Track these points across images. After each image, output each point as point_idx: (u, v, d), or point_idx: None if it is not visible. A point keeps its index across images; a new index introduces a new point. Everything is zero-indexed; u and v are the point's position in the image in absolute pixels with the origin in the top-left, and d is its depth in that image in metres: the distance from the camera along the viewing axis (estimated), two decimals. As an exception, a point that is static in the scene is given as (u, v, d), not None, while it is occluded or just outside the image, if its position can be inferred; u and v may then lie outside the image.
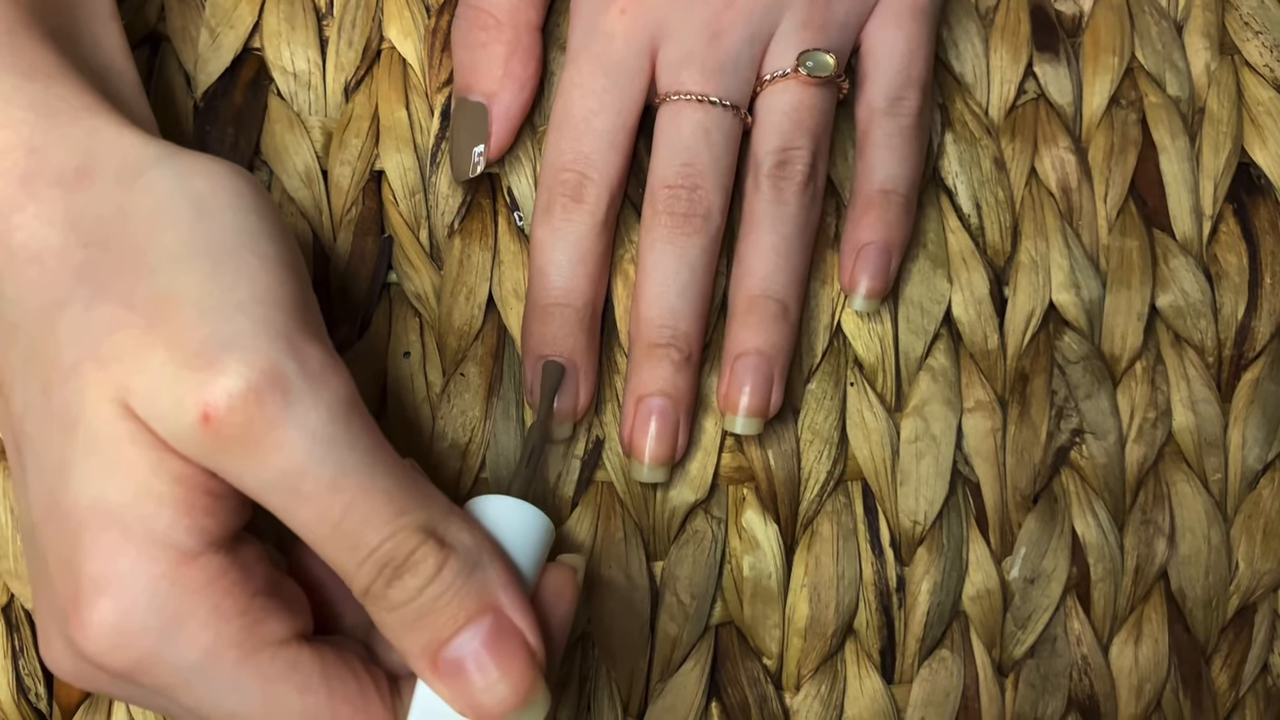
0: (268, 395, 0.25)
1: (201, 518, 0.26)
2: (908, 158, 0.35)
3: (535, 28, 0.35)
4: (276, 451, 0.25)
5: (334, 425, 0.26)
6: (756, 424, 0.34)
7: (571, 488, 0.34)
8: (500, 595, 0.27)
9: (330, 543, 0.26)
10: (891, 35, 0.35)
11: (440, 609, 0.26)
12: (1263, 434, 0.36)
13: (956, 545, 0.35)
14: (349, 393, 0.26)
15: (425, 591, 0.26)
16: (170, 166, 0.27)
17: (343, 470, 0.25)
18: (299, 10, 0.36)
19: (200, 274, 0.26)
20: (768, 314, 0.33)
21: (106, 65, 0.31)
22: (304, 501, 0.26)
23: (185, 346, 0.25)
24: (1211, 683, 0.37)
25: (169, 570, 0.25)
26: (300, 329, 0.26)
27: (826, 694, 0.35)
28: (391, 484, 0.26)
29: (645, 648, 0.34)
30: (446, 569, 0.26)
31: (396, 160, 0.35)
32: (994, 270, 0.36)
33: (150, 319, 0.25)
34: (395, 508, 0.26)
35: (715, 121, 0.33)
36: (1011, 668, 0.36)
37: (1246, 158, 0.38)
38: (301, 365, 0.26)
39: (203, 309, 0.25)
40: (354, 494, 0.26)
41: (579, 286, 0.33)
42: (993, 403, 0.36)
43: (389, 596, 0.26)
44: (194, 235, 0.26)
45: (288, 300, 0.26)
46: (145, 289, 0.26)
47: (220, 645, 0.26)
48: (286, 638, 0.27)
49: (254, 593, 0.26)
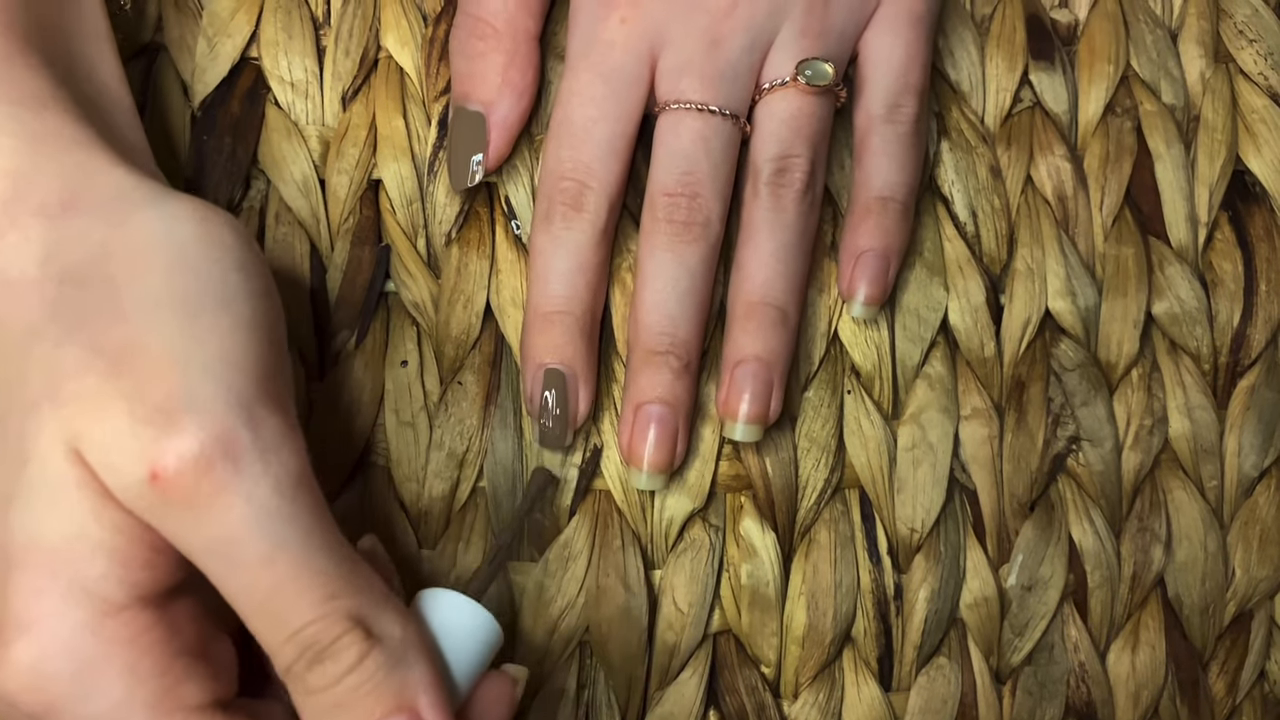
0: (218, 461, 0.25)
1: (136, 571, 0.25)
2: (906, 165, 0.35)
3: (533, 36, 0.35)
4: (217, 518, 0.25)
5: (278, 498, 0.25)
6: (756, 431, 0.34)
7: (569, 496, 0.34)
8: (420, 697, 0.27)
9: (256, 617, 0.26)
10: (890, 43, 0.35)
11: (357, 700, 0.26)
12: (1259, 441, 0.37)
13: (954, 553, 0.35)
14: (299, 467, 0.26)
15: (343, 681, 0.26)
16: (157, 209, 0.27)
17: (279, 545, 0.25)
18: (296, 20, 0.36)
19: (171, 327, 0.26)
20: (767, 320, 0.33)
21: (100, 92, 0.30)
22: (235, 571, 0.25)
23: (144, 400, 0.25)
24: (1209, 689, 0.37)
25: (92, 620, 0.25)
26: (262, 397, 0.26)
27: (824, 702, 0.35)
28: (327, 565, 0.26)
29: (643, 656, 0.34)
30: (369, 660, 0.26)
31: (394, 169, 0.35)
32: (990, 278, 0.37)
33: (114, 365, 0.25)
34: (326, 591, 0.26)
35: (714, 130, 0.34)
36: (1009, 675, 0.36)
37: (1241, 165, 0.38)
38: (256, 434, 0.25)
39: (169, 364, 0.25)
40: (285, 571, 0.25)
41: (579, 295, 0.33)
42: (989, 410, 0.36)
43: (307, 680, 0.26)
44: (170, 285, 0.26)
45: (255, 367, 0.26)
46: (114, 334, 0.26)
47: (131, 703, 0.25)
48: (201, 704, 0.26)
49: (176, 653, 0.26)
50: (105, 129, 0.29)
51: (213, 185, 0.35)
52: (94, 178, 0.27)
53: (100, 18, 0.31)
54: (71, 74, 0.30)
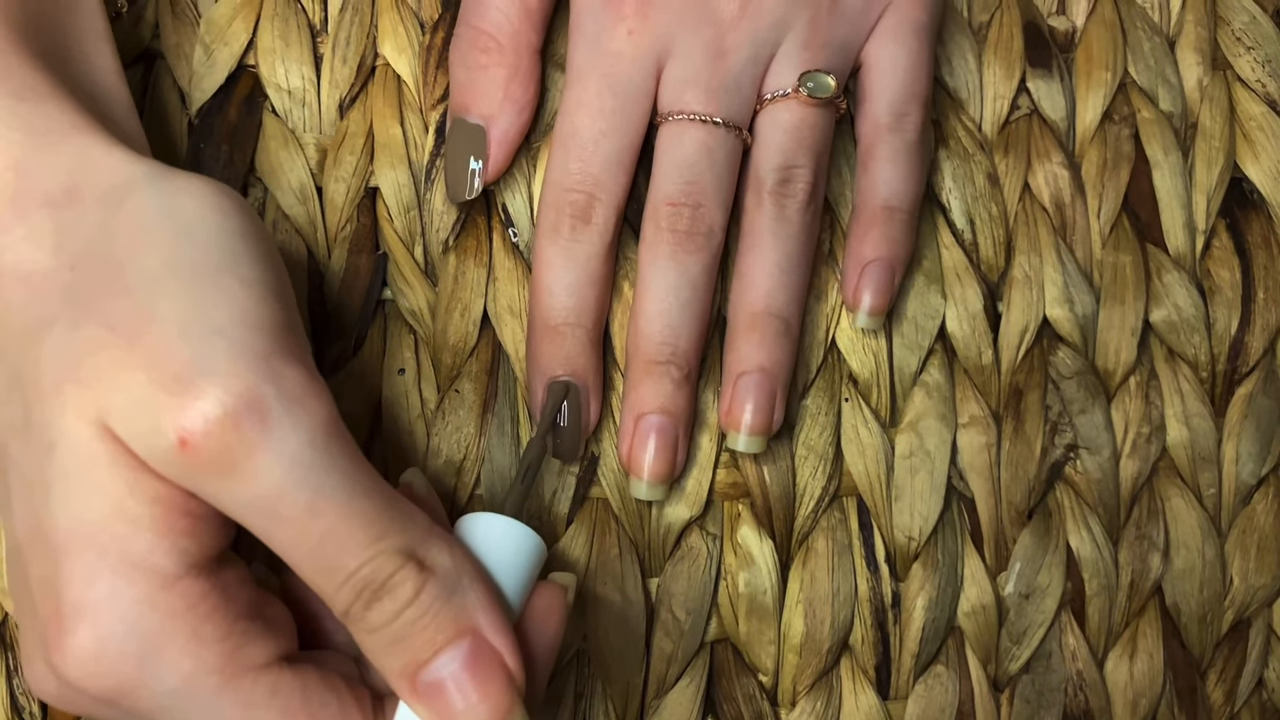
0: (245, 420, 0.25)
1: (180, 539, 0.26)
2: (911, 174, 0.35)
3: (536, 50, 0.35)
4: (254, 475, 0.25)
5: (312, 449, 0.25)
6: (760, 442, 0.34)
7: (567, 504, 0.34)
8: (479, 618, 0.27)
9: (308, 565, 0.26)
10: (894, 52, 0.35)
11: (418, 632, 0.26)
12: (1256, 448, 0.37)
13: (951, 561, 0.35)
14: (329, 415, 0.26)
15: (403, 615, 0.26)
16: (156, 186, 0.27)
17: (320, 494, 0.25)
18: (293, 27, 0.36)
19: (180, 295, 0.26)
20: (770, 331, 0.33)
21: (97, 85, 0.31)
22: (281, 524, 0.25)
23: (164, 368, 0.25)
24: (1206, 698, 0.37)
25: (148, 595, 0.25)
26: (280, 352, 0.26)
27: (822, 710, 0.35)
28: (370, 507, 0.26)
29: (641, 664, 0.34)
30: (424, 592, 0.26)
31: (391, 177, 0.35)
32: (988, 285, 0.37)
33: (130, 340, 0.25)
34: (373, 531, 0.26)
35: (718, 141, 0.34)
36: (1007, 683, 0.36)
37: (1239, 172, 0.38)
38: (280, 389, 0.25)
39: (182, 330, 0.25)
40: (331, 518, 0.26)
41: (589, 306, 0.34)
42: (987, 418, 0.36)
43: (367, 619, 0.26)
44: (175, 256, 0.26)
45: (268, 323, 0.26)
46: (126, 309, 0.26)
47: (200, 671, 0.25)
48: (268, 662, 0.26)
49: (235, 617, 0.26)
50: (103, 119, 0.29)
51: (210, 193, 0.35)
52: (94, 163, 0.27)
53: (99, 17, 0.32)
54: (67, 68, 0.30)
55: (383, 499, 0.27)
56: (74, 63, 0.30)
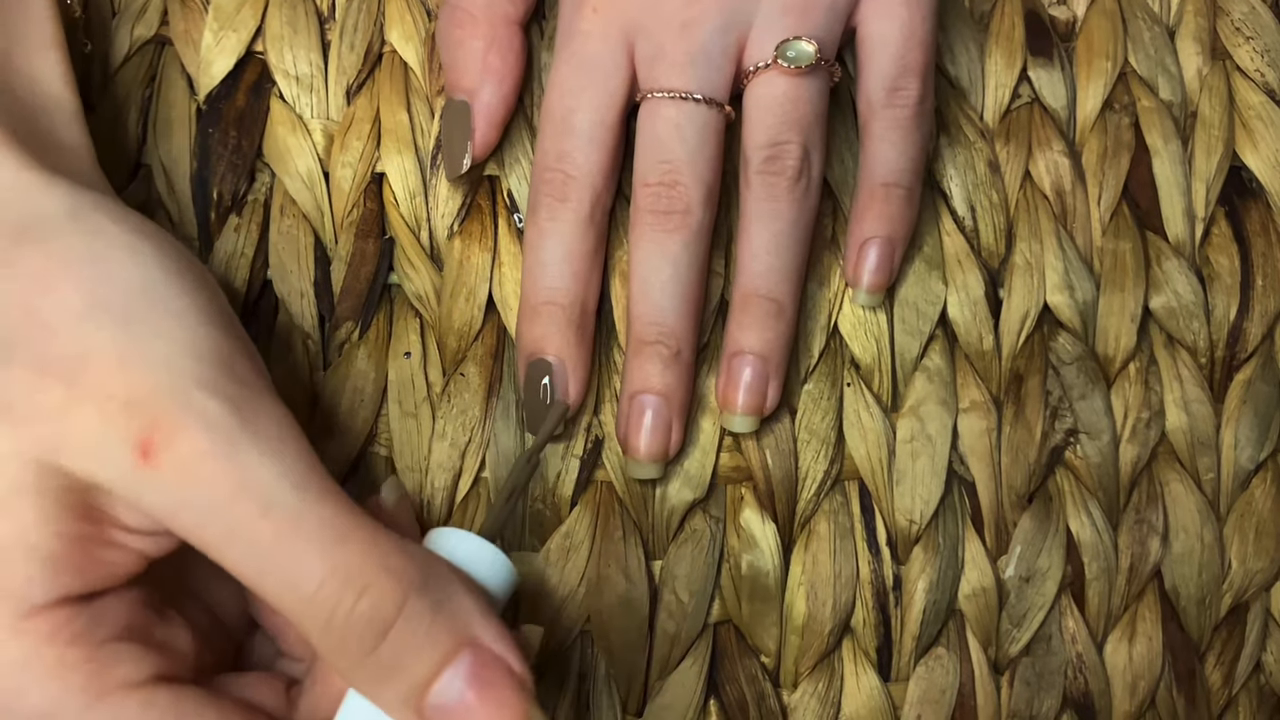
0: (197, 433, 0.25)
1: (66, 574, 0.25)
2: (907, 150, 0.34)
3: (513, 21, 0.35)
4: (208, 483, 0.25)
5: (264, 457, 0.25)
6: (752, 422, 0.34)
7: (571, 487, 0.34)
8: (475, 625, 0.26)
9: (268, 581, 0.25)
10: (884, 23, 0.34)
11: (411, 653, 0.25)
12: (1255, 434, 0.37)
13: (952, 544, 0.36)
14: (282, 428, 0.26)
15: (389, 637, 0.25)
16: (67, 222, 0.26)
17: (273, 498, 0.25)
18: (301, 14, 0.36)
19: (111, 334, 0.25)
20: (762, 312, 0.34)
21: (34, 94, 0.30)
22: (236, 534, 0.25)
23: (113, 400, 0.25)
24: (1205, 681, 0.37)
25: (11, 622, 0.25)
26: (225, 375, 0.26)
27: (824, 691, 0.35)
28: (329, 512, 0.25)
29: (644, 646, 0.34)
30: (408, 607, 0.25)
31: (397, 162, 0.36)
32: (989, 272, 0.37)
33: (69, 380, 0.25)
34: (333, 535, 0.25)
35: (689, 116, 0.33)
36: (1007, 666, 0.36)
37: (1238, 161, 0.38)
38: (230, 405, 0.25)
39: (123, 365, 0.25)
40: (284, 521, 0.25)
41: (565, 285, 0.33)
42: (988, 403, 0.36)
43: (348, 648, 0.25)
44: (95, 295, 0.26)
45: (209, 351, 0.26)
46: (53, 350, 0.25)
47: (66, 692, 0.25)
48: (141, 680, 0.26)
49: (103, 639, 0.25)
50: (29, 130, 0.28)
51: (218, 178, 0.35)
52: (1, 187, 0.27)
53: (46, 22, 0.31)
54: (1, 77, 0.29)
55: (343, 508, 0.25)
56: (12, 72, 0.30)
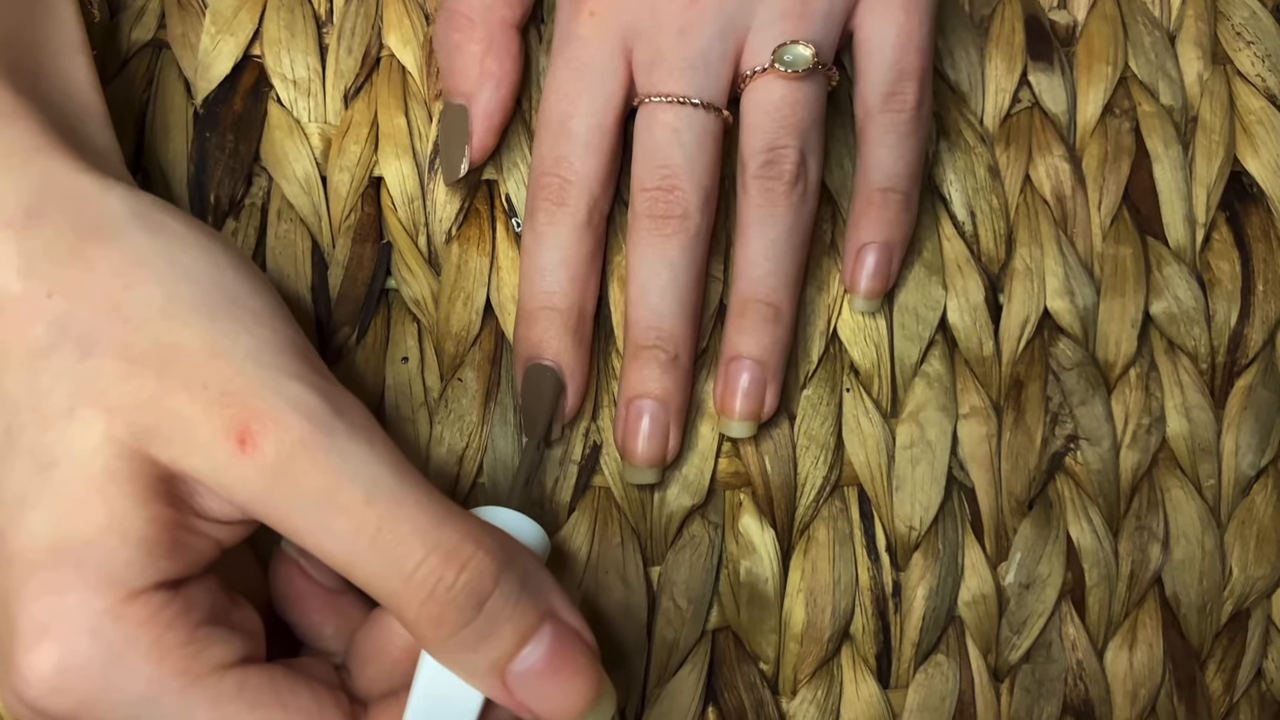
0: (296, 423, 0.25)
1: (160, 559, 0.26)
2: (904, 154, 0.34)
3: (510, 25, 0.35)
4: (309, 473, 0.25)
5: (361, 445, 0.26)
6: (750, 427, 0.34)
7: (569, 493, 0.34)
8: (554, 599, 0.27)
9: (368, 563, 0.26)
10: (882, 27, 0.34)
11: (502, 625, 0.26)
12: (1256, 440, 0.37)
13: (952, 550, 0.35)
14: (369, 419, 0.27)
15: (484, 610, 0.26)
16: (135, 222, 0.27)
17: (375, 485, 0.26)
18: (299, 18, 0.36)
19: (197, 329, 0.26)
20: (759, 317, 0.33)
21: (70, 100, 0.30)
22: (336, 519, 0.26)
23: (207, 390, 0.25)
24: (1206, 688, 0.37)
25: (112, 606, 0.25)
26: (311, 369, 0.27)
27: (823, 699, 0.35)
28: (425, 498, 0.26)
29: (642, 652, 0.34)
30: (503, 582, 0.26)
31: (395, 167, 0.35)
32: (989, 277, 0.37)
33: (159, 370, 0.26)
34: (433, 518, 0.26)
35: (685, 121, 0.33)
36: (1007, 673, 0.36)
37: (1239, 166, 0.38)
38: (322, 395, 0.26)
39: (212, 357, 0.26)
40: (388, 505, 0.26)
41: (562, 289, 0.33)
42: (988, 409, 0.36)
43: (446, 621, 0.26)
44: (177, 293, 0.26)
45: (289, 345, 0.27)
46: (141, 342, 0.26)
47: (164, 675, 0.25)
48: (233, 661, 0.26)
49: (197, 623, 0.26)
50: (73, 136, 0.29)
51: (215, 182, 0.35)
52: (60, 186, 0.27)
53: (74, 28, 0.31)
54: (39, 84, 0.30)
55: (435, 493, 0.27)
56: (46, 78, 0.30)
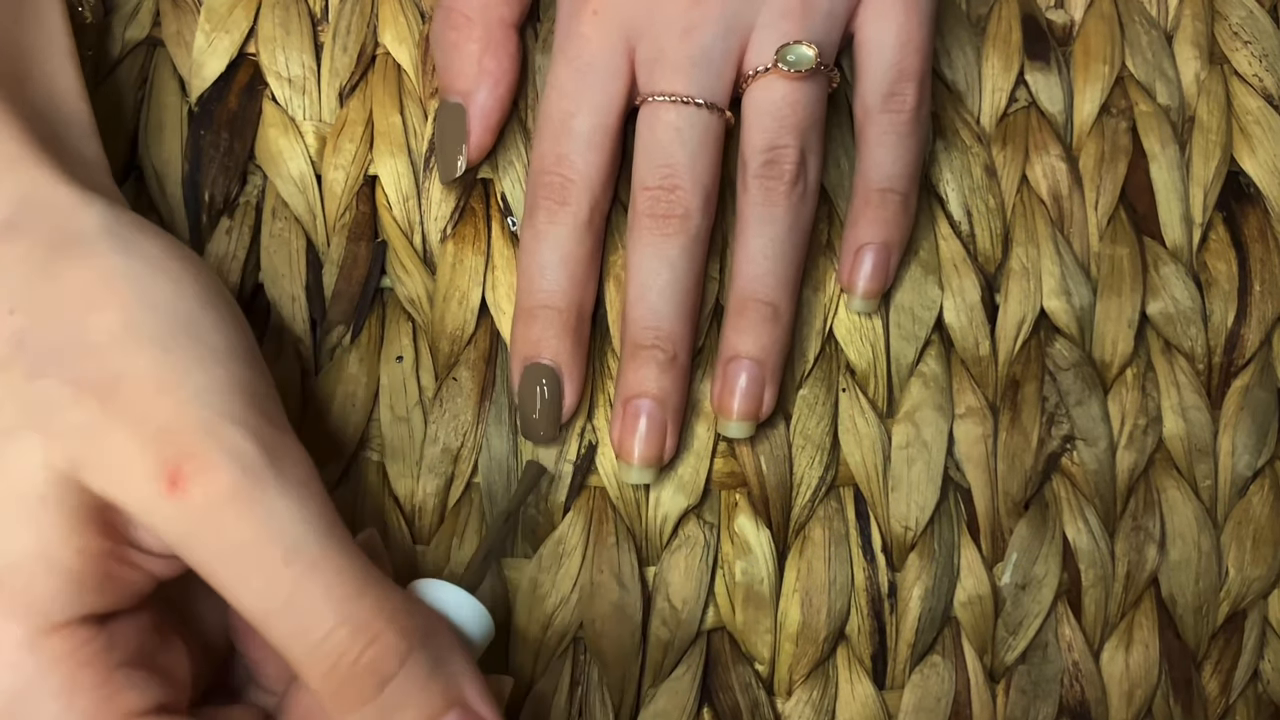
0: (227, 471, 0.25)
1: (86, 592, 0.25)
2: (903, 155, 0.34)
3: (508, 24, 0.35)
4: (233, 525, 0.25)
5: (291, 502, 0.25)
6: (748, 427, 0.34)
7: (564, 493, 0.34)
8: (466, 687, 0.26)
9: (278, 623, 0.25)
10: (882, 28, 0.34)
11: (403, 707, 0.25)
12: (1252, 441, 0.37)
13: (948, 551, 0.35)
14: (307, 473, 0.26)
15: (386, 690, 0.25)
16: (107, 240, 0.27)
17: (296, 547, 0.25)
18: (294, 16, 0.36)
19: (149, 361, 0.26)
20: (758, 317, 0.33)
21: (57, 109, 0.30)
22: (253, 575, 0.25)
23: (146, 425, 0.25)
24: (1202, 689, 0.37)
25: (29, 637, 0.25)
26: (255, 413, 0.26)
27: (818, 700, 0.35)
28: (348, 565, 0.25)
29: (637, 653, 0.34)
30: (409, 663, 0.26)
31: (390, 165, 0.35)
32: (985, 277, 0.37)
33: (103, 399, 0.25)
34: (351, 589, 0.25)
35: (688, 121, 0.33)
36: (1003, 674, 0.36)
37: (1236, 166, 0.38)
38: (261, 446, 0.25)
39: (159, 393, 0.25)
40: (305, 569, 0.25)
41: (563, 288, 0.33)
42: (984, 409, 0.36)
43: (345, 695, 0.25)
44: (137, 320, 0.26)
45: (240, 388, 0.26)
46: (92, 368, 0.25)
47: (70, 717, 0.25)
48: (146, 709, 0.25)
49: (117, 664, 0.25)
50: (56, 145, 0.29)
51: (209, 180, 0.35)
52: (39, 200, 0.27)
53: (61, 33, 0.31)
54: (25, 91, 0.29)
55: (361, 563, 0.26)
56: (31, 86, 0.30)
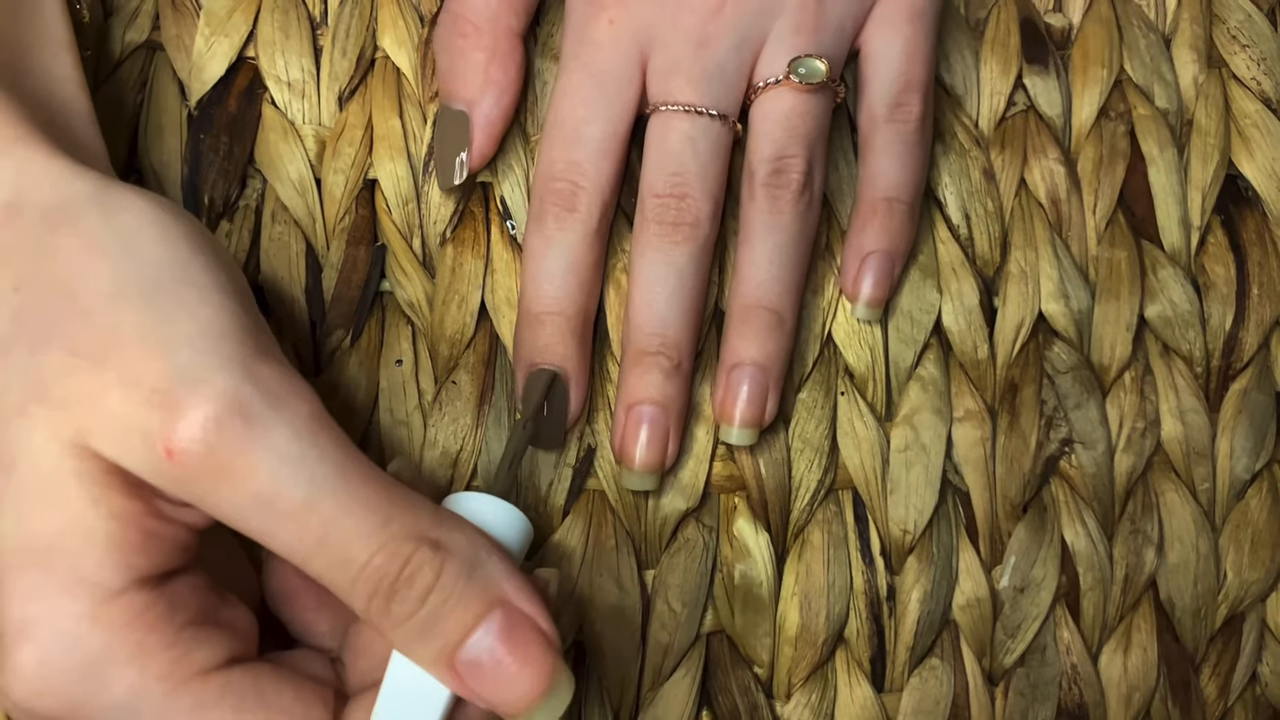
0: (228, 422, 0.25)
1: (132, 555, 0.25)
2: (909, 165, 0.35)
3: (515, 33, 0.35)
4: (245, 476, 0.25)
5: (299, 442, 0.25)
6: (751, 434, 0.34)
7: (563, 496, 0.34)
8: (505, 586, 0.27)
9: (317, 562, 0.26)
10: (888, 40, 0.35)
11: (447, 614, 0.26)
12: (1250, 444, 0.37)
13: (946, 554, 0.35)
14: (311, 408, 0.26)
15: (429, 601, 0.26)
16: (96, 205, 0.27)
17: (314, 485, 0.25)
18: (294, 20, 0.36)
19: (138, 313, 0.26)
20: (763, 324, 0.34)
21: (54, 96, 0.30)
22: (281, 523, 0.25)
23: (138, 385, 0.25)
24: (1200, 692, 0.37)
25: (90, 610, 0.25)
26: (251, 353, 0.26)
27: (817, 702, 0.35)
28: (369, 493, 0.26)
29: (636, 656, 0.34)
30: (445, 573, 0.26)
31: (390, 169, 0.35)
32: (983, 280, 0.37)
33: (97, 362, 0.25)
34: (377, 518, 0.26)
35: (701, 130, 0.34)
36: (1001, 676, 0.36)
37: (1234, 169, 0.38)
38: (258, 388, 0.25)
39: (147, 346, 0.25)
40: (330, 508, 0.25)
41: (571, 295, 0.33)
42: (982, 412, 0.36)
43: (391, 613, 0.26)
44: (124, 275, 0.26)
45: (232, 327, 0.26)
46: (85, 332, 0.25)
47: (147, 681, 0.25)
48: (219, 663, 0.26)
49: (182, 624, 0.26)
50: (53, 130, 0.29)
51: (209, 184, 0.35)
52: (35, 177, 0.27)
53: (59, 24, 0.31)
54: (23, 80, 0.30)
55: (382, 485, 0.26)
56: (29, 73, 0.30)
